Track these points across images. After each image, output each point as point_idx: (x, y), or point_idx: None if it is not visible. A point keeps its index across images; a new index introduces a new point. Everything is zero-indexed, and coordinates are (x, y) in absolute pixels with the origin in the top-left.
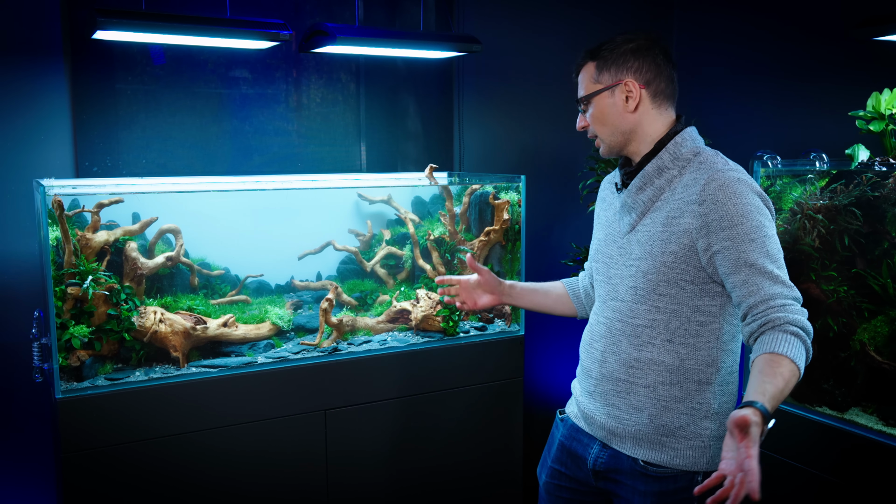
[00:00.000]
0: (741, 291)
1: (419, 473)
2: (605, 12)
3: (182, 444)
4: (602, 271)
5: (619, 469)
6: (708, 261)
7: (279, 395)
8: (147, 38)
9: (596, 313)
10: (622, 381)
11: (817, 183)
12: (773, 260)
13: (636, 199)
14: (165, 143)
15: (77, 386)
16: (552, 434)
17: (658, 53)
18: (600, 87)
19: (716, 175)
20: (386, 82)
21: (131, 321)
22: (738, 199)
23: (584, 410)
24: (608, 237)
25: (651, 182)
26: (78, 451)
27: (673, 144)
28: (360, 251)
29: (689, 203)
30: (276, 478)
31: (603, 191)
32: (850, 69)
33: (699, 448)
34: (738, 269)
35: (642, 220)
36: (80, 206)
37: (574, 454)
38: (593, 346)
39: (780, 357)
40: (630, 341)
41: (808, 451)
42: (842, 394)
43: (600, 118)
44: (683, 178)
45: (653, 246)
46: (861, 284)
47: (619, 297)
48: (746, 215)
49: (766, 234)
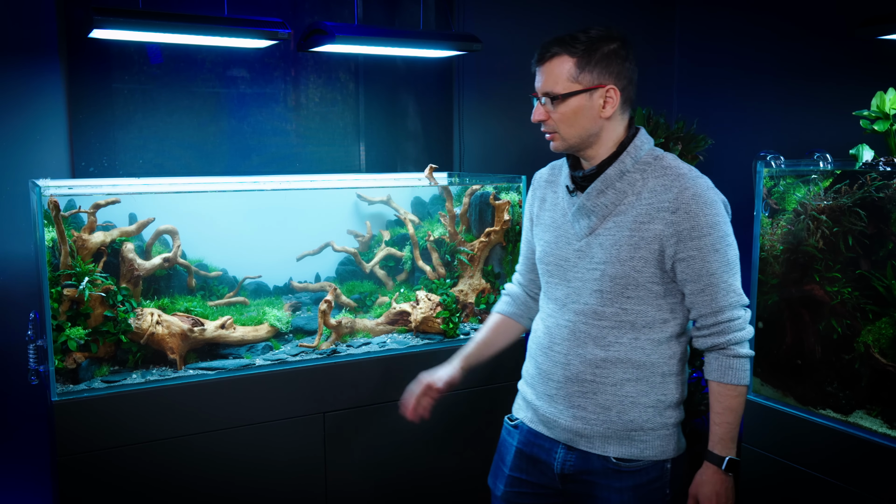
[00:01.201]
0: (696, 299)
1: (419, 477)
2: (605, 11)
3: (179, 448)
4: (557, 274)
5: (590, 470)
6: (671, 266)
7: (277, 398)
8: (144, 37)
9: (553, 316)
10: (588, 382)
11: (821, 183)
12: (730, 269)
13: (596, 203)
14: (162, 143)
15: (73, 388)
16: (504, 442)
17: (633, 58)
18: (579, 87)
19: (689, 183)
20: (385, 82)
21: (128, 323)
22: (709, 209)
23: (543, 415)
24: (560, 239)
25: (612, 185)
26: (74, 454)
27: (633, 148)
28: (359, 252)
29: (660, 210)
30: (275, 482)
31: (540, 189)
32: (854, 68)
33: (666, 437)
34: (699, 278)
35: (604, 224)
36: (77, 206)
37: (536, 459)
38: (554, 350)
39: (729, 388)
40: (596, 342)
41: (812, 455)
42: (846, 396)
43: (571, 118)
44: (648, 183)
45: (619, 250)
46: (865, 286)
47: (583, 300)
48: (715, 226)
49: (728, 243)
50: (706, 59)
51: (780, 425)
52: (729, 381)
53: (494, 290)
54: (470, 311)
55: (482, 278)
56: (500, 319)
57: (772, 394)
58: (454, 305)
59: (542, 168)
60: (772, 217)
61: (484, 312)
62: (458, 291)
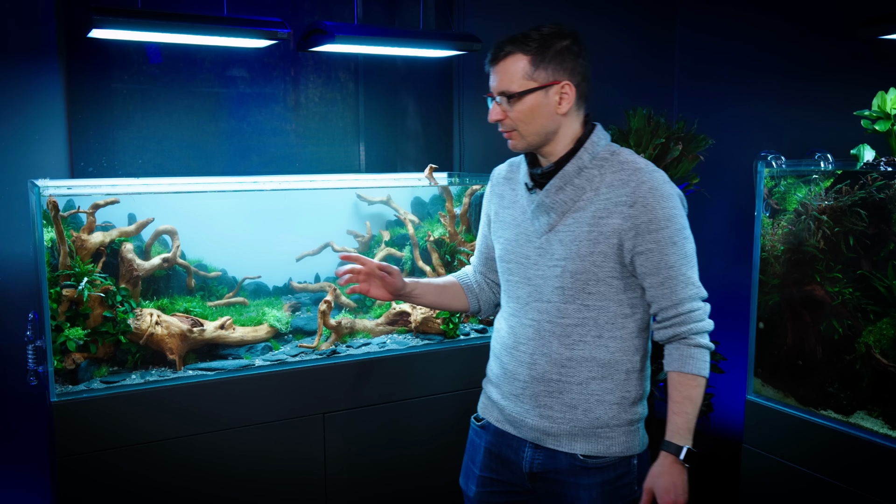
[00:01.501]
0: (656, 292)
1: (419, 477)
2: (606, 10)
3: (179, 449)
4: (518, 272)
5: (557, 469)
6: (630, 260)
7: (277, 399)
8: (143, 37)
9: (516, 315)
10: (554, 382)
11: (822, 183)
12: (689, 261)
13: (555, 200)
14: (162, 142)
15: (72, 389)
16: (472, 442)
17: (587, 54)
18: (535, 84)
19: (645, 177)
20: (385, 81)
21: (127, 323)
22: (666, 202)
23: (510, 414)
24: (519, 237)
25: (570, 182)
26: (73, 455)
27: (590, 144)
28: (359, 252)
29: (617, 204)
30: (274, 482)
31: (498, 187)
32: (855, 68)
33: (631, 433)
34: (658, 270)
35: (563, 220)
36: (76, 206)
37: (504, 459)
38: (519, 350)
39: (689, 377)
40: (561, 341)
41: (813, 455)
42: (847, 397)
43: (528, 116)
44: (606, 178)
45: (580, 246)
46: (866, 286)
47: (545, 297)
48: (672, 219)
49: (686, 236)
50: (707, 58)
51: (780, 426)
52: (689, 370)
53: None
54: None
55: None
56: (453, 281)
57: (772, 395)
58: None
59: (500, 165)
60: (773, 217)
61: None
62: None
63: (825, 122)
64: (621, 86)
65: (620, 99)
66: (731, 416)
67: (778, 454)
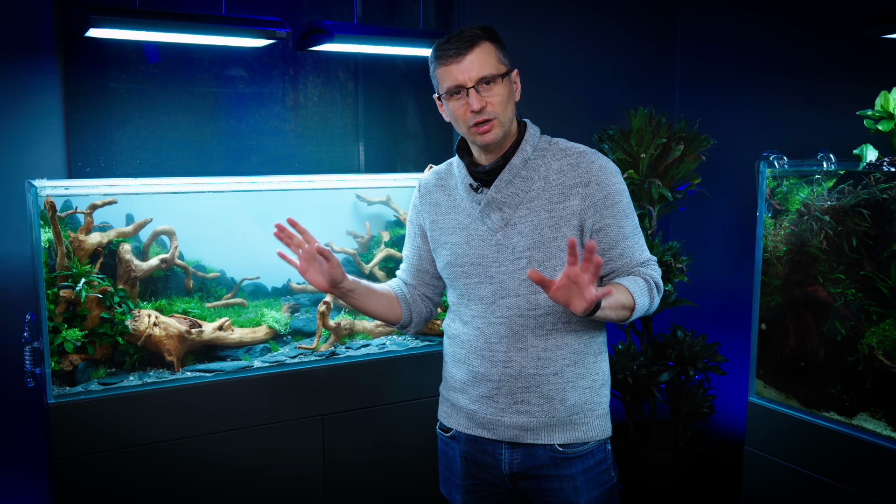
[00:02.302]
0: (617, 263)
1: (419, 479)
2: (607, 9)
3: (177, 451)
4: (478, 273)
5: (537, 464)
6: (590, 237)
7: (276, 400)
8: (141, 36)
9: (482, 316)
10: (531, 376)
11: (825, 184)
12: (638, 231)
13: (506, 194)
14: (160, 142)
15: (70, 391)
16: (445, 454)
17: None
18: (505, 69)
19: (592, 157)
20: (385, 81)
21: (125, 325)
22: (615, 178)
23: (482, 418)
24: (471, 238)
25: (518, 174)
26: (70, 457)
27: (529, 136)
28: (358, 253)
29: (572, 187)
30: (273, 485)
31: (430, 195)
32: (858, 67)
33: (602, 416)
34: (616, 243)
35: (518, 212)
36: (73, 207)
37: (482, 464)
38: (491, 350)
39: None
40: (535, 333)
41: (816, 457)
42: (850, 399)
43: (506, 100)
44: (553, 165)
45: (542, 233)
46: (869, 287)
47: (513, 292)
48: (622, 193)
49: (633, 208)
50: (709, 57)
51: (783, 428)
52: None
53: None
54: None
55: None
56: (389, 292)
57: (775, 396)
58: None
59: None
60: (775, 218)
61: None
62: None
63: (828, 122)
64: (622, 85)
65: (621, 98)
66: (732, 418)
67: (780, 456)
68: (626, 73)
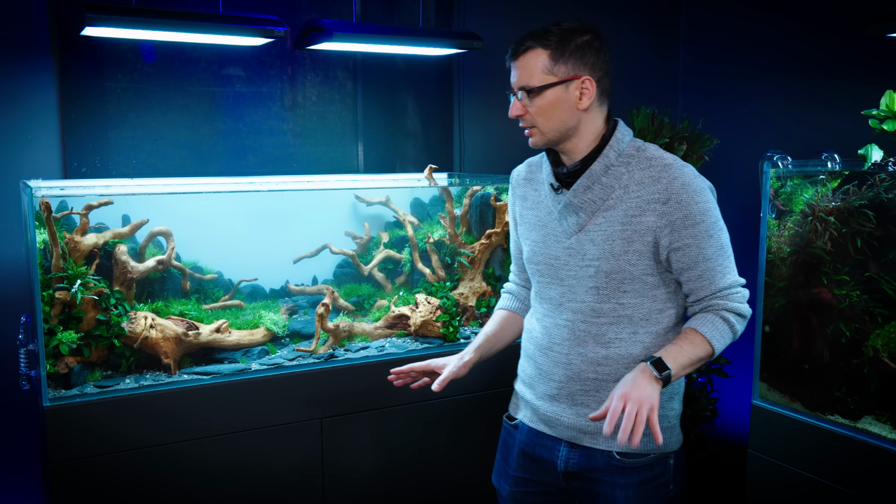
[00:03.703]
0: (695, 285)
1: (417, 483)
2: (609, 7)
3: (173, 454)
4: (549, 273)
5: (593, 467)
6: (667, 256)
7: (273, 404)
8: (137, 35)
9: (549, 316)
10: (591, 380)
11: (829, 184)
12: (725, 252)
13: (584, 199)
14: (156, 142)
15: (65, 394)
16: (505, 442)
17: (608, 50)
18: (555, 79)
19: (676, 173)
20: (384, 80)
21: (121, 327)
22: (699, 196)
23: (545, 414)
24: (547, 238)
25: (598, 181)
26: (66, 460)
27: (615, 141)
28: (357, 254)
29: (650, 202)
30: (271, 490)
31: (520, 188)
32: (863, 66)
33: (668, 429)
34: (696, 264)
35: (593, 220)
36: (69, 207)
37: (538, 459)
38: (554, 350)
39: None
40: (597, 340)
41: (820, 461)
42: (854, 402)
43: (548, 111)
44: (634, 176)
45: (613, 245)
46: (874, 289)
47: (579, 298)
48: (706, 213)
49: (721, 227)
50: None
51: (786, 431)
52: (703, 331)
53: (495, 293)
54: (470, 314)
55: (483, 281)
56: (505, 315)
57: (779, 399)
58: (454, 309)
59: (518, 166)
60: (779, 219)
61: (485, 316)
62: (459, 294)
63: (832, 122)
64: (625, 84)
65: (624, 98)
66: (736, 421)
67: (784, 460)
68: (628, 73)
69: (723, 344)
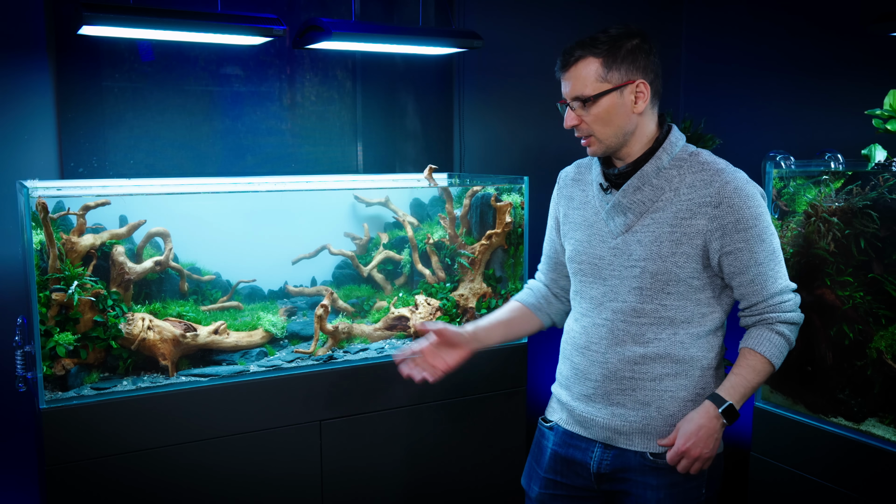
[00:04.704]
0: (746, 290)
1: (418, 486)
2: (610, 6)
3: (171, 457)
4: (592, 273)
5: (626, 467)
6: (718, 260)
7: (272, 406)
8: (135, 34)
9: (588, 315)
10: (627, 379)
11: (832, 184)
12: (776, 257)
13: (633, 200)
14: (154, 142)
15: (62, 395)
16: (539, 444)
17: (657, 52)
18: (609, 86)
19: (728, 178)
20: (383, 80)
21: (118, 328)
22: (751, 201)
23: (580, 415)
24: (592, 238)
25: (649, 182)
26: (62, 463)
27: (668, 144)
28: (356, 255)
29: (701, 205)
30: (269, 492)
31: (567, 188)
32: (866, 66)
33: None
34: (747, 269)
35: (641, 221)
36: (66, 208)
37: (571, 461)
38: (591, 349)
39: (758, 356)
40: (635, 340)
41: (823, 464)
42: (858, 404)
43: (605, 118)
44: (686, 179)
45: (661, 246)
46: (878, 290)
47: (621, 298)
48: (759, 217)
49: (772, 233)
50: (714, 56)
51: (790, 433)
52: (762, 350)
53: (496, 295)
54: (471, 315)
55: (483, 282)
56: (518, 307)
57: (782, 401)
58: (454, 310)
59: (566, 167)
60: (781, 219)
61: None
62: (459, 296)
63: (835, 122)
64: None
65: None
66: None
67: (787, 462)
68: None
69: (782, 359)
